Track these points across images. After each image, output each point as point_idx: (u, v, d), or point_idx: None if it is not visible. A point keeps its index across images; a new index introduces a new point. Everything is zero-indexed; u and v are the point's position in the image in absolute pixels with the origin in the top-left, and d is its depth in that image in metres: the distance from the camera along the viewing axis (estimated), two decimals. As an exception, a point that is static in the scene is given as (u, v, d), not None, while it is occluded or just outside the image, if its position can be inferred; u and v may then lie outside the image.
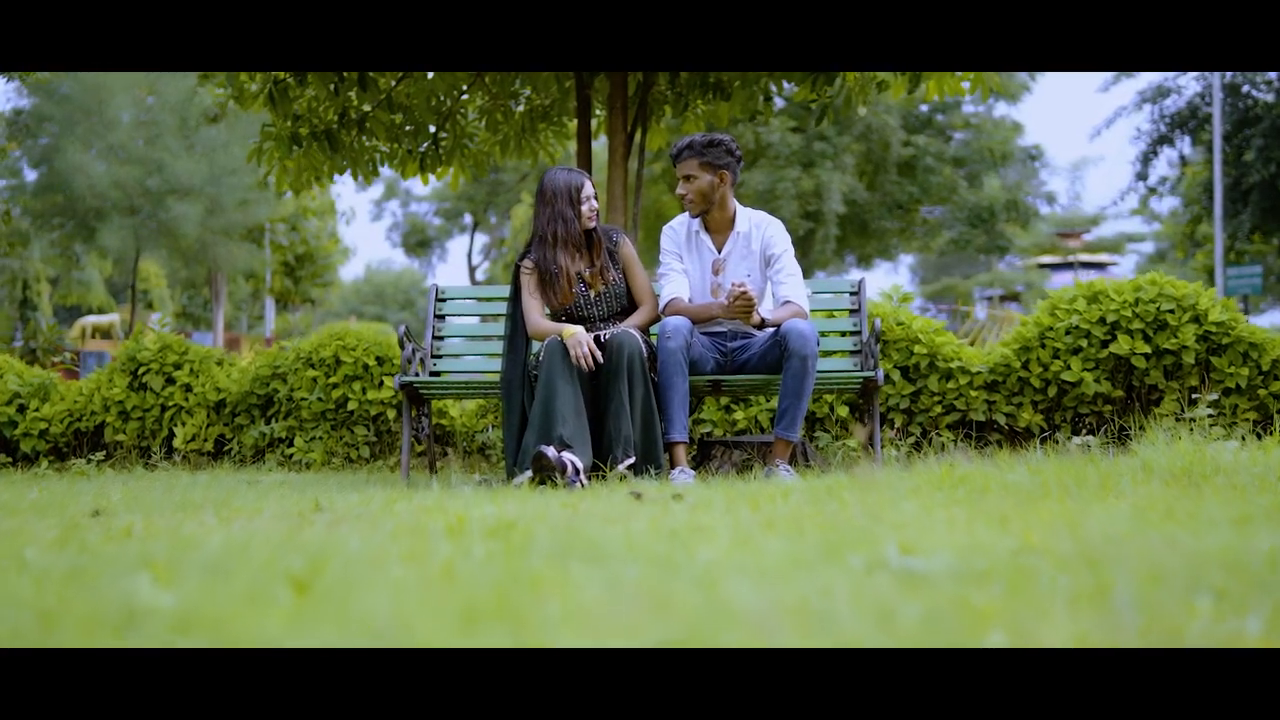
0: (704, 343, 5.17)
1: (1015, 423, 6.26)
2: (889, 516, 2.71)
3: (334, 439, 7.13)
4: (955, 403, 6.29)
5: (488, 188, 38.56)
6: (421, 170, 9.10)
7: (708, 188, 5.15)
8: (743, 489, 3.78)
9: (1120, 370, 6.13)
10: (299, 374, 7.22)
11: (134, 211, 19.22)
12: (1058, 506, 2.76)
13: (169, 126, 19.44)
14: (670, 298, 5.18)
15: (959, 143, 26.83)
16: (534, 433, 4.72)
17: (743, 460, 5.27)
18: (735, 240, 5.22)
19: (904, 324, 6.39)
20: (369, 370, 7.13)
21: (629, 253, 5.30)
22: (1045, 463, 4.16)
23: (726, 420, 6.53)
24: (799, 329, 4.81)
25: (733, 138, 5.22)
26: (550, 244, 5.13)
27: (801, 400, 4.86)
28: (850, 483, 3.64)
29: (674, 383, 4.85)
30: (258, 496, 4.16)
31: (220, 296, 24.85)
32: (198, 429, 7.38)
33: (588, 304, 5.19)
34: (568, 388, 4.75)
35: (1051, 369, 6.14)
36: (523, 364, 5.14)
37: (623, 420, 4.76)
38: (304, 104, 8.48)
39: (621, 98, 8.13)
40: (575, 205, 5.11)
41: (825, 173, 24.34)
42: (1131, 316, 6.03)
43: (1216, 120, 22.63)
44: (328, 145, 8.42)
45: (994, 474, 3.56)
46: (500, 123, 8.99)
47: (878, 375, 5.09)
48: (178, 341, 7.67)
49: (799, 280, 5.15)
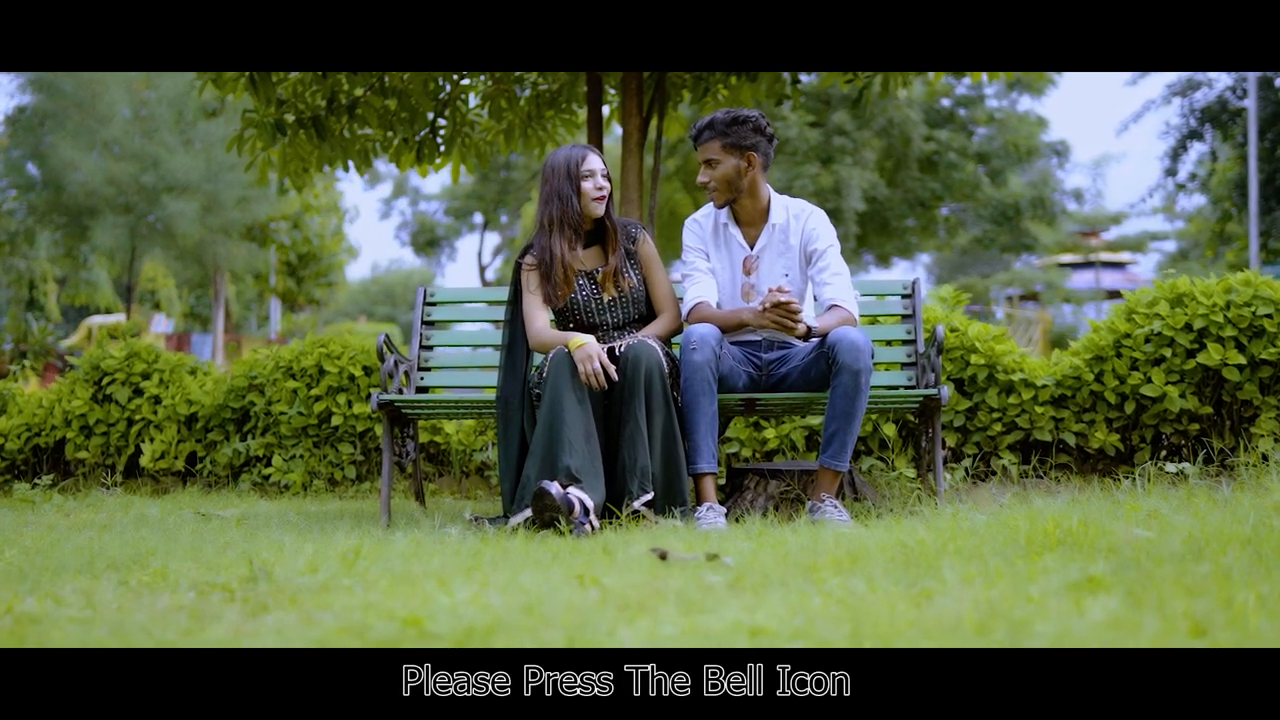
0: (735, 354, 4.40)
1: (1086, 444, 5.48)
2: (1013, 609, 1.95)
3: (316, 458, 6.38)
4: (1017, 420, 5.51)
5: (498, 185, 37.80)
6: (419, 161, 8.33)
7: (733, 173, 4.37)
8: (793, 543, 3.02)
9: (1208, 383, 5.36)
10: (278, 385, 6.48)
11: (129, 209, 18.46)
12: (1252, 593, 1.98)
13: (165, 121, 18.67)
14: (695, 302, 4.40)
15: (982, 138, 25.97)
16: (536, 463, 3.96)
17: (780, 492, 4.50)
18: (770, 234, 4.45)
19: (958, 330, 5.62)
20: (355, 381, 6.38)
21: (649, 251, 4.54)
22: (1161, 500, 3.39)
23: (755, 439, 5.77)
24: (850, 339, 4.04)
25: (762, 113, 4.43)
26: (546, 229, 4.37)
27: (853, 423, 4.09)
28: (931, 537, 2.87)
29: (700, 403, 4.08)
30: (195, 544, 3.41)
31: (220, 297, 24.11)
32: (167, 445, 6.63)
33: (600, 309, 4.43)
34: (576, 409, 3.99)
35: (1129, 382, 5.36)
36: (523, 379, 4.38)
37: (639, 449, 3.99)
38: (289, 88, 7.73)
39: (636, 82, 7.37)
40: (575, 181, 4.34)
41: (844, 168, 23.48)
42: (1223, 322, 5.25)
43: (1252, 114, 21.77)
44: (315, 133, 7.67)
45: (1114, 525, 2.79)
46: (504, 110, 8.23)
47: (941, 393, 4.32)
48: (146, 349, 6.92)
49: (846, 280, 4.38)
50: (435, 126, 8.22)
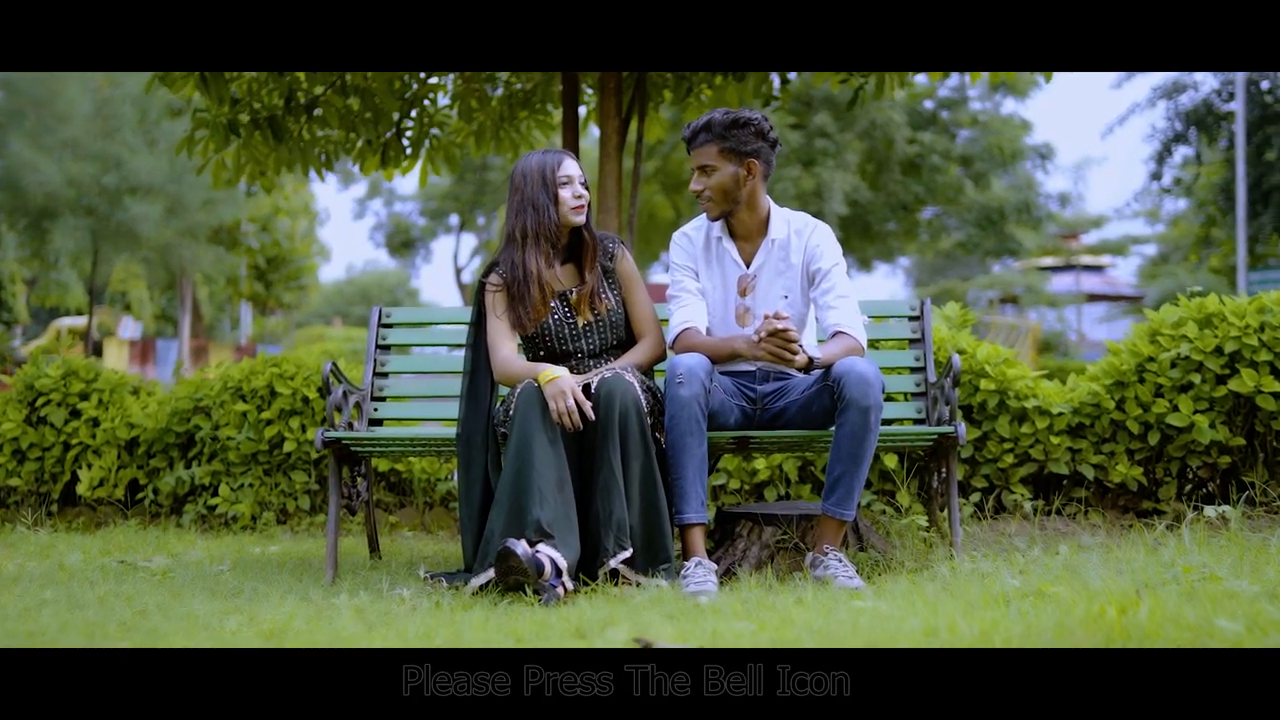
0: (726, 386, 3.91)
1: (1106, 477, 5.01)
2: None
3: (267, 487, 5.86)
4: (1031, 451, 5.04)
5: (474, 186, 37.13)
6: (384, 165, 7.82)
7: (730, 182, 3.88)
8: (800, 623, 2.53)
9: (1239, 412, 4.90)
10: (226, 408, 5.95)
11: (90, 211, 17.81)
12: None
13: (128, 120, 18.03)
14: (682, 327, 3.90)
15: (966, 140, 25.56)
16: (501, 516, 3.47)
17: (776, 541, 4.01)
18: (769, 250, 3.95)
19: (966, 352, 5.15)
20: (310, 404, 5.86)
21: (629, 269, 4.03)
22: (1213, 558, 2.93)
23: (744, 470, 5.29)
24: (859, 371, 3.55)
25: (764, 115, 3.93)
26: (519, 243, 3.86)
27: (861, 467, 3.61)
28: (966, 624, 2.39)
29: (687, 445, 3.58)
30: (98, 617, 2.91)
31: (187, 301, 23.44)
32: (105, 473, 6.10)
33: (573, 335, 3.92)
34: (547, 453, 3.49)
35: (1154, 410, 4.90)
36: (486, 413, 3.88)
37: (615, 500, 3.49)
38: (243, 86, 7.20)
39: (615, 80, 6.88)
40: (551, 188, 3.84)
41: (827, 171, 23.03)
42: (1257, 345, 4.79)
43: (1240, 117, 21.44)
44: (271, 134, 7.14)
45: (1187, 609, 2.32)
46: (475, 110, 7.73)
47: (958, 430, 3.83)
48: (85, 367, 6.38)
49: (853, 304, 3.88)
50: (401, 127, 7.72)
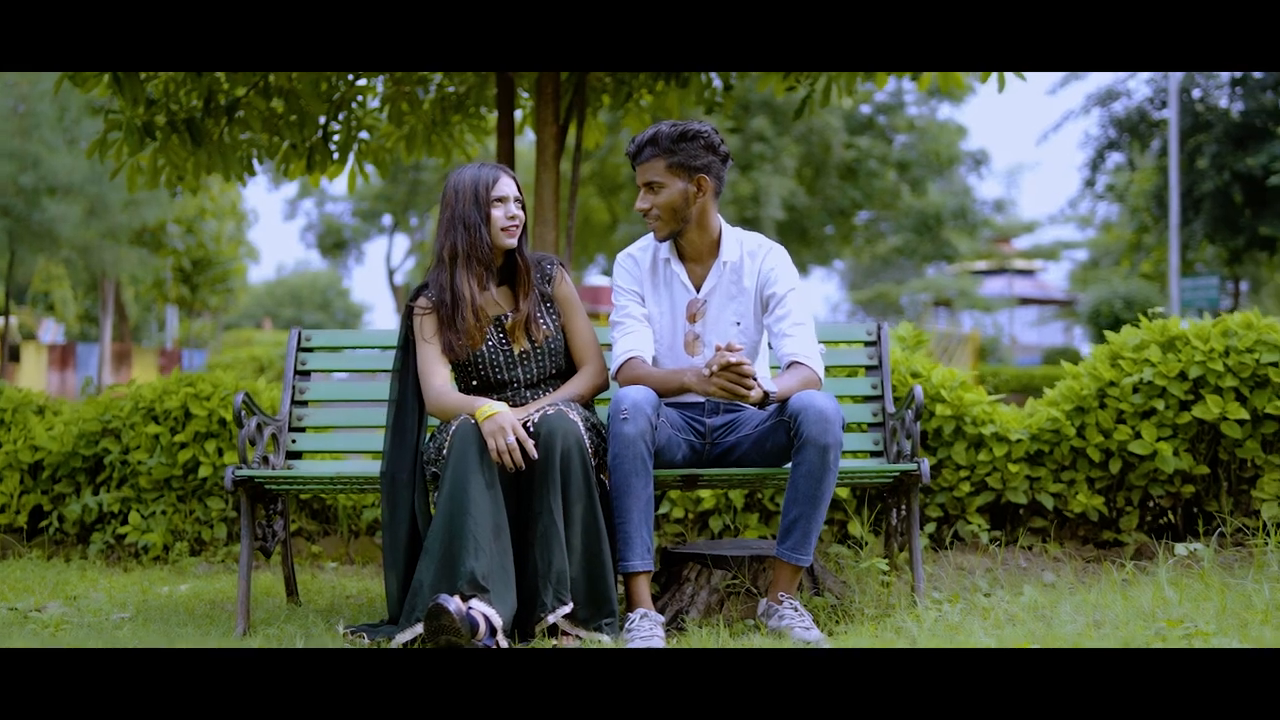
0: (673, 419, 3.63)
1: (1066, 506, 4.81)
2: None
3: (180, 514, 5.49)
4: (988, 479, 4.82)
5: (407, 187, 36.59)
6: (309, 169, 7.46)
7: (679, 199, 3.60)
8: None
9: (1203, 439, 4.71)
10: (136, 430, 5.57)
11: (6, 212, 17.16)
12: None
13: (46, 118, 17.40)
14: (626, 356, 3.61)
15: (903, 145, 25.54)
16: (432, 566, 3.16)
17: (727, 585, 3.73)
18: (720, 273, 3.68)
19: (921, 375, 4.92)
20: (227, 427, 5.50)
21: (567, 292, 3.74)
22: (1192, 605, 2.70)
23: (688, 499, 5.02)
24: (818, 407, 3.29)
25: (714, 127, 3.66)
26: (447, 264, 3.57)
27: (819, 508, 3.35)
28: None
29: (632, 486, 3.30)
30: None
31: (109, 305, 22.75)
32: (7, 499, 5.71)
33: (508, 364, 3.63)
34: (484, 497, 3.19)
35: (1115, 437, 4.70)
36: (414, 449, 3.57)
37: (554, 550, 3.20)
38: (159, 87, 6.81)
39: (553, 84, 6.59)
40: (483, 208, 3.55)
41: (764, 176, 22.89)
42: (1222, 370, 4.60)
43: (1173, 125, 21.55)
44: (189, 137, 6.75)
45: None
46: (405, 113, 7.39)
47: (921, 468, 3.59)
48: (-16, 385, 5.98)
49: (810, 331, 3.61)
50: (328, 131, 7.37)
